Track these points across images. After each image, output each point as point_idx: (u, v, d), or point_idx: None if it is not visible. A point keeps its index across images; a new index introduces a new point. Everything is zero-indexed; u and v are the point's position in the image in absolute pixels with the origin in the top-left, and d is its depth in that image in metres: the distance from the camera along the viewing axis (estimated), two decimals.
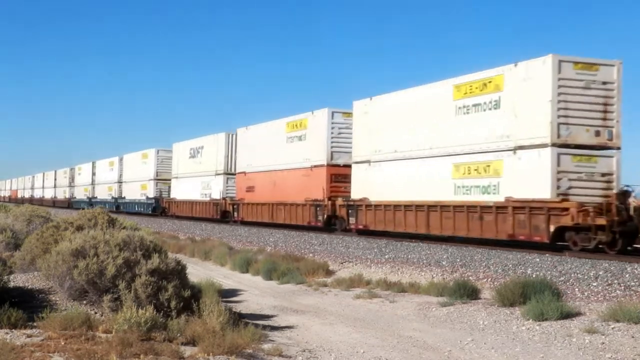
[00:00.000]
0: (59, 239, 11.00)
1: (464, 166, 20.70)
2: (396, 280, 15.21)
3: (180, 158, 46.55)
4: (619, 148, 18.19)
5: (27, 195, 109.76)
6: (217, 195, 39.15)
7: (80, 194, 74.17)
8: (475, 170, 20.28)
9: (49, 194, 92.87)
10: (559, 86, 17.72)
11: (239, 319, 9.24)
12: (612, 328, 9.54)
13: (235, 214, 36.58)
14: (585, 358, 8.56)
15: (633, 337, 9.12)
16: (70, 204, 77.67)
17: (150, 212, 51.45)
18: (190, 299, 9.09)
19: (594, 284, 12.69)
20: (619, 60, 18.25)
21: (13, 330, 7.90)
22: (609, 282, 12.71)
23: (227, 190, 38.57)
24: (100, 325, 8.22)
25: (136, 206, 54.61)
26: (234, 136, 38.58)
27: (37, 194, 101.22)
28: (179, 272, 9.68)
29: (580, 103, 17.91)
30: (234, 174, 37.84)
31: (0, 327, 7.91)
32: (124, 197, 58.28)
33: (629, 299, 11.29)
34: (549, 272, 14.00)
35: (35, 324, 8.15)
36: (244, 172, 35.91)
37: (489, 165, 19.80)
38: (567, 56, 18.15)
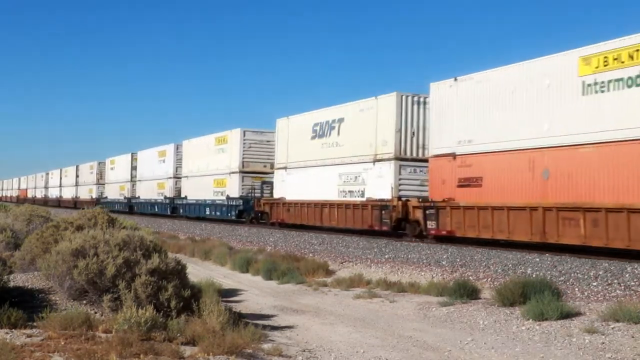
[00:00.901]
0: (59, 239, 11.00)
1: None
2: (396, 280, 15.21)
3: (293, 139, 31.32)
4: None
5: (39, 195, 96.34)
6: (381, 192, 24.44)
7: (114, 193, 60.91)
8: None
9: (68, 194, 78.69)
10: None
11: (239, 318, 9.24)
12: (612, 328, 9.55)
13: (431, 224, 21.66)
14: (585, 358, 8.56)
15: (633, 337, 9.12)
16: (98, 205, 66.50)
17: (232, 217, 37.31)
18: (190, 298, 9.10)
19: (594, 284, 12.70)
20: None
21: (13, 330, 7.90)
22: (609, 282, 12.72)
23: (400, 185, 24.14)
24: (100, 325, 8.22)
25: (207, 209, 40.51)
26: (412, 99, 24.49)
27: (53, 193, 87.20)
28: (179, 272, 9.68)
29: None
30: (413, 160, 24.20)
31: (0, 327, 7.91)
32: (185, 197, 44.47)
33: (629, 298, 11.29)
34: (549, 272, 14.00)
35: (35, 323, 8.16)
36: (453, 155, 21.15)
37: None
38: None
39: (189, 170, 44.18)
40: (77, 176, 76.27)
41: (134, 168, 56.28)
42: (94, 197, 67.37)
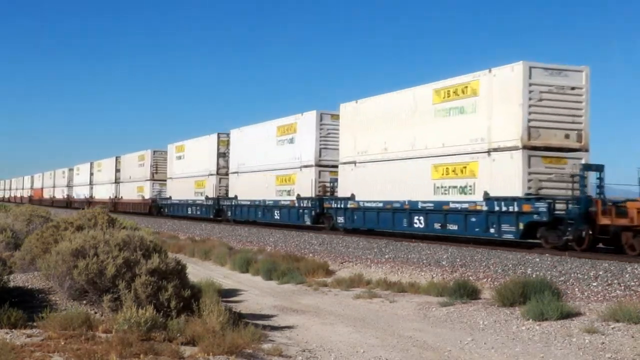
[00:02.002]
0: (59, 239, 11.00)
1: None
2: (396, 280, 15.21)
3: None
4: None
5: (60, 194, 79.68)
6: None
7: (184, 192, 42.64)
8: None
9: (104, 193, 61.67)
10: None
11: (239, 319, 9.25)
12: (612, 328, 9.55)
13: None
14: (585, 358, 8.56)
15: (633, 337, 9.13)
16: (155, 208, 48.72)
17: (510, 235, 19.27)
18: (190, 298, 9.10)
19: (594, 284, 12.70)
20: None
21: (13, 330, 7.91)
22: (609, 282, 12.72)
23: None
24: (100, 325, 8.23)
25: (417, 218, 22.55)
26: None
27: (80, 193, 70.17)
28: (179, 272, 9.69)
29: None
30: None
31: (0, 327, 7.92)
32: (350, 198, 25.96)
33: (629, 299, 11.29)
34: (549, 272, 14.00)
35: (35, 324, 8.17)
36: None
37: None
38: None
39: (360, 151, 25.82)
40: (117, 170, 58.24)
41: (221, 155, 38.52)
42: (147, 197, 49.98)
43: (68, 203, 72.88)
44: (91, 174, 67.09)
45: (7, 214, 27.01)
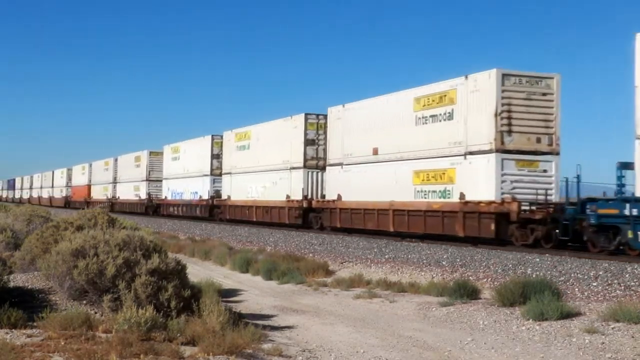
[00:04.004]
0: (59, 239, 11.01)
1: None
2: (396, 280, 15.21)
3: None
4: None
5: (127, 194, 53.21)
6: None
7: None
8: None
9: (256, 190, 34.06)
10: None
11: (239, 319, 9.25)
12: (612, 328, 9.55)
13: None
14: (585, 358, 8.56)
15: (633, 337, 9.13)
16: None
17: None
18: (190, 298, 9.10)
19: (594, 284, 12.71)
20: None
21: (13, 330, 7.91)
22: (609, 282, 12.73)
23: None
24: (100, 325, 8.23)
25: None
26: None
27: (182, 190, 43.73)
28: (179, 272, 9.69)
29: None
30: None
31: (0, 327, 7.92)
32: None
33: (629, 299, 11.30)
34: (549, 272, 14.01)
35: (35, 324, 8.17)
36: None
37: None
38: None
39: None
40: (312, 141, 29.75)
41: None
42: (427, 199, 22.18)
43: (153, 206, 45.83)
44: (214, 155, 40.41)
45: (7, 214, 27.00)
